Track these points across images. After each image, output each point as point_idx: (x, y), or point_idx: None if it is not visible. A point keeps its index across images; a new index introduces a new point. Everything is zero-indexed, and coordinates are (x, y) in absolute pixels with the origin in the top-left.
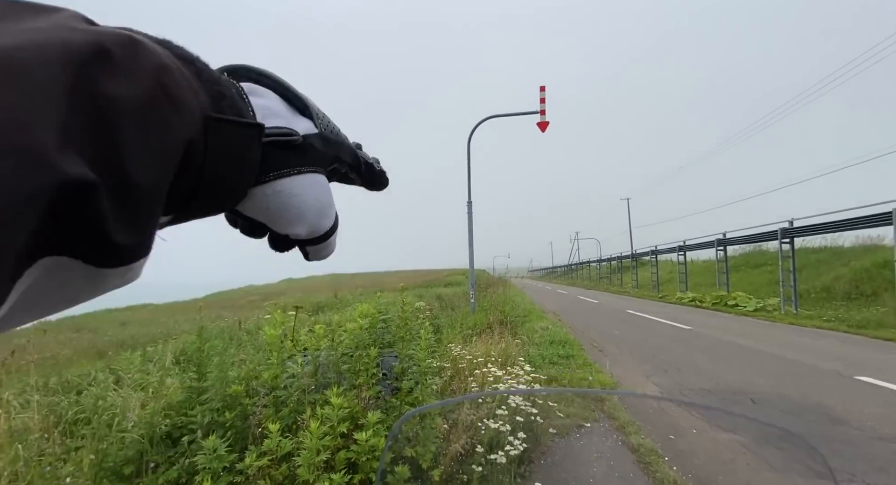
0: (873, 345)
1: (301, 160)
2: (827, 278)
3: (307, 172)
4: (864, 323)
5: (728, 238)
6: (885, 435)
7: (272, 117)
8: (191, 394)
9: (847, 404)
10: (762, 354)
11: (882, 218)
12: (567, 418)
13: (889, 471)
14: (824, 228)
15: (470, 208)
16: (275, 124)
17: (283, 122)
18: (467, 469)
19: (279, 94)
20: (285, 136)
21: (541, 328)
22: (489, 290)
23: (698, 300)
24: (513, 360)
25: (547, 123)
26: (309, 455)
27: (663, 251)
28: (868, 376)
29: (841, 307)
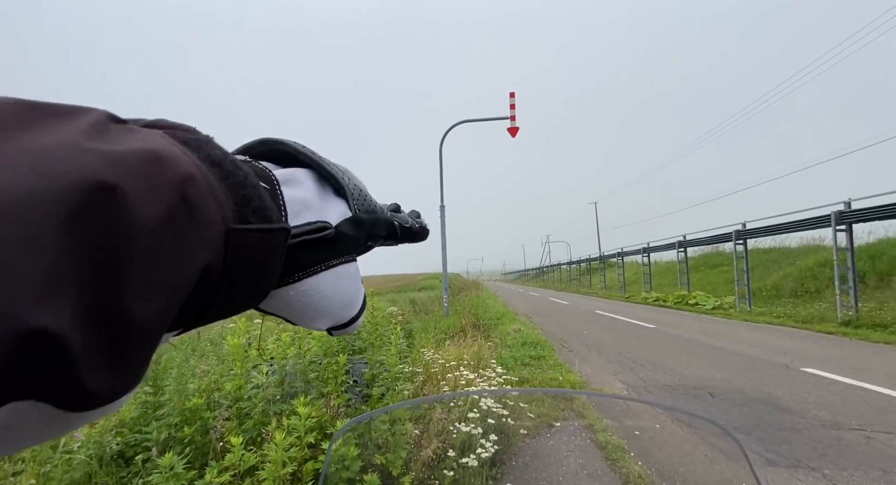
0: (817, 338)
1: (330, 253)
2: (776, 277)
3: (335, 265)
4: (809, 318)
5: (688, 240)
6: (827, 422)
7: (304, 211)
8: (145, 409)
9: (794, 395)
10: (719, 351)
11: (822, 221)
12: (538, 418)
13: (830, 455)
14: (773, 230)
15: (443, 212)
16: (306, 220)
17: (316, 214)
18: (439, 474)
19: (315, 170)
20: (316, 232)
21: (513, 330)
22: (463, 293)
23: (662, 300)
24: (485, 362)
25: (517, 128)
26: (274, 468)
27: (629, 253)
28: (812, 367)
29: (789, 304)
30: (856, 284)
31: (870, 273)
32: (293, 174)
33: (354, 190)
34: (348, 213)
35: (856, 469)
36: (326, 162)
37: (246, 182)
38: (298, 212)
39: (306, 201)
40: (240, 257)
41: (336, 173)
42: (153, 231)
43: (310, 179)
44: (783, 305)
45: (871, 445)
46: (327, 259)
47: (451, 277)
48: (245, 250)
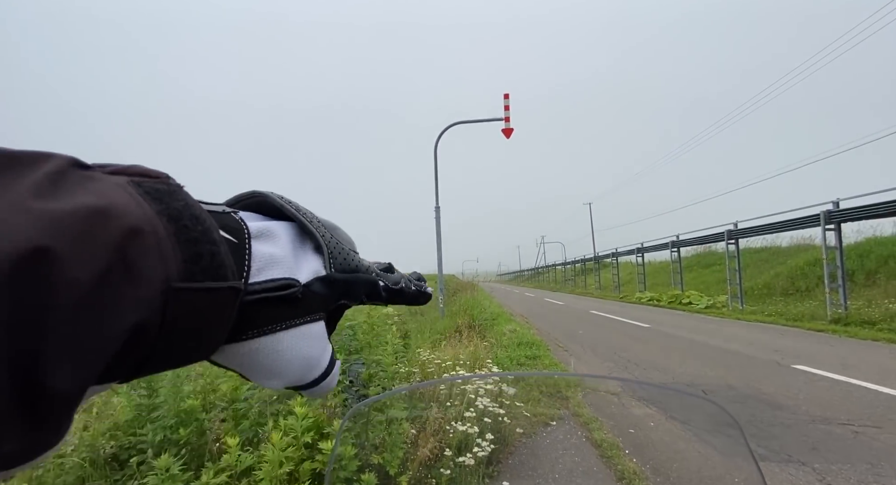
0: (807, 336)
1: (294, 312)
2: (768, 276)
3: (298, 324)
4: (799, 316)
5: (681, 240)
6: (817, 417)
7: (271, 267)
8: (140, 412)
9: (785, 391)
10: (712, 349)
11: (812, 220)
12: (534, 417)
13: (820, 449)
14: (764, 230)
15: (438, 214)
16: (270, 276)
17: (284, 270)
18: (436, 473)
19: (297, 224)
20: (279, 290)
21: (509, 331)
22: (458, 294)
23: (656, 299)
24: (481, 362)
25: (511, 130)
26: (271, 468)
27: (623, 253)
28: (803, 364)
29: (780, 302)
30: (845, 282)
31: (858, 271)
32: (268, 228)
33: (334, 247)
34: (322, 271)
35: (844, 463)
36: (308, 216)
37: (202, 238)
38: (263, 268)
39: (275, 257)
40: (180, 316)
41: (315, 229)
42: (80, 295)
43: (288, 233)
44: (774, 304)
45: (859, 439)
46: (289, 318)
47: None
48: (186, 309)
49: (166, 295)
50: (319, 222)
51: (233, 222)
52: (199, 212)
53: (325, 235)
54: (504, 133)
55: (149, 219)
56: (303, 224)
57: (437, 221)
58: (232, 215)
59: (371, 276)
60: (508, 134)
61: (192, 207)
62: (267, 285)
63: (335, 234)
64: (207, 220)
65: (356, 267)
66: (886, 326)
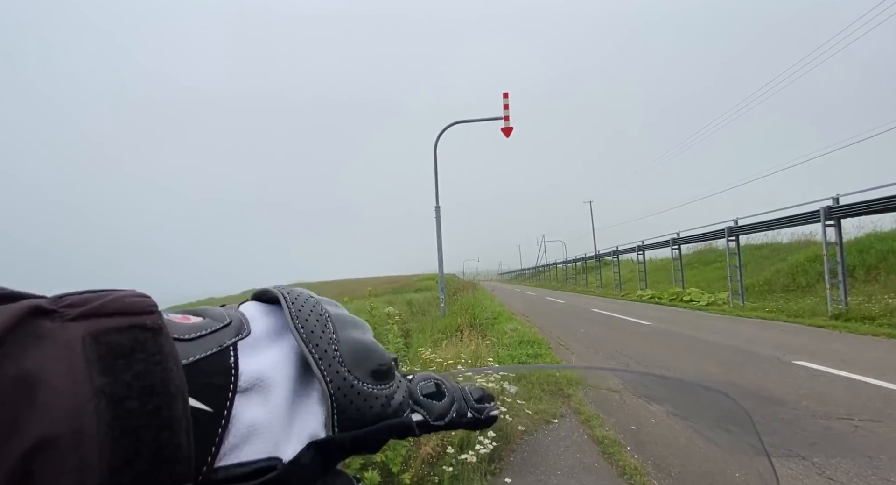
0: (808, 332)
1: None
2: (768, 273)
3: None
4: (800, 312)
5: (682, 237)
6: (818, 413)
7: (249, 441)
8: None
9: (785, 387)
10: (713, 346)
11: (812, 216)
12: (536, 415)
13: (820, 443)
14: (764, 227)
15: (438, 214)
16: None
17: (265, 444)
18: (438, 471)
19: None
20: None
21: (510, 329)
22: (459, 294)
23: (657, 297)
24: (482, 361)
25: (511, 129)
26: None
27: (624, 251)
28: (803, 360)
29: (780, 299)
30: (845, 278)
31: (858, 267)
32: (265, 374)
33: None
34: (321, 433)
35: (843, 457)
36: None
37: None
38: (240, 443)
39: (256, 426)
40: None
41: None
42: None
43: (288, 371)
44: (775, 300)
45: (858, 433)
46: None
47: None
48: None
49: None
50: (334, 344)
51: (219, 373)
52: (158, 379)
53: (334, 376)
54: (504, 132)
55: (78, 409)
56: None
57: (438, 221)
58: (226, 355)
59: (398, 420)
60: (508, 133)
61: (152, 372)
62: (237, 472)
63: (353, 360)
64: (169, 387)
65: (377, 414)
66: (886, 321)
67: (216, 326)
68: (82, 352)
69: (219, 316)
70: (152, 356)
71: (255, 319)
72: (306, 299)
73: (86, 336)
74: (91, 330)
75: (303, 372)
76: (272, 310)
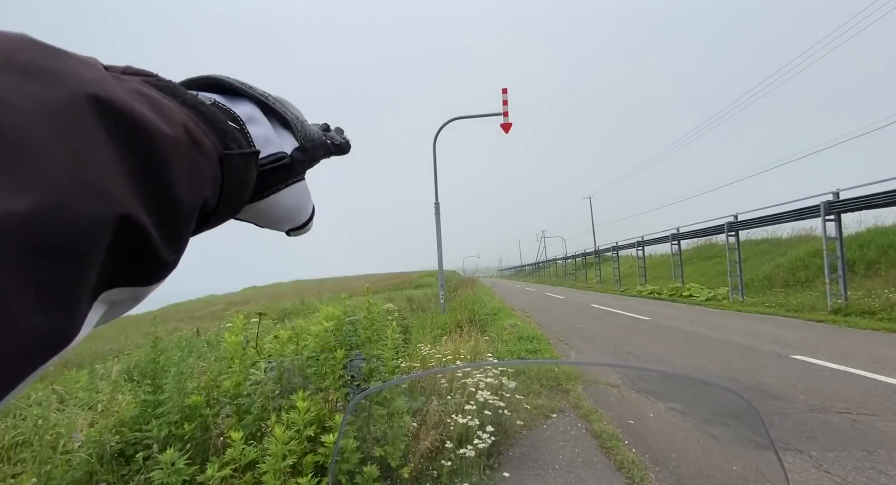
0: (807, 327)
1: (287, 176)
2: (768, 268)
3: (291, 184)
4: (800, 307)
5: (681, 233)
6: (815, 406)
7: (267, 145)
8: (145, 408)
9: (784, 381)
10: (712, 340)
11: (812, 211)
12: (534, 409)
13: (817, 437)
14: (764, 221)
15: (438, 210)
16: (268, 152)
17: (275, 147)
18: (437, 465)
19: (261, 107)
20: (277, 161)
21: (509, 326)
22: (459, 290)
23: (656, 292)
24: (481, 357)
25: (510, 125)
26: (274, 461)
27: (624, 247)
28: (802, 355)
29: (780, 293)
30: (845, 272)
31: (859, 262)
32: (252, 114)
33: (297, 123)
34: (296, 143)
35: (841, 450)
36: (271, 99)
37: (218, 119)
38: (262, 145)
39: (267, 137)
40: (231, 176)
41: (284, 112)
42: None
43: (260, 114)
44: (775, 295)
45: (856, 427)
46: (285, 180)
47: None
48: (233, 170)
49: (221, 159)
50: (280, 102)
51: (227, 112)
52: (199, 102)
53: (289, 114)
54: (503, 128)
55: (182, 109)
56: (269, 106)
57: (437, 218)
58: (222, 106)
59: (324, 139)
60: (507, 129)
61: (195, 98)
62: (269, 159)
63: (292, 109)
64: (209, 106)
65: (314, 136)
66: (886, 315)
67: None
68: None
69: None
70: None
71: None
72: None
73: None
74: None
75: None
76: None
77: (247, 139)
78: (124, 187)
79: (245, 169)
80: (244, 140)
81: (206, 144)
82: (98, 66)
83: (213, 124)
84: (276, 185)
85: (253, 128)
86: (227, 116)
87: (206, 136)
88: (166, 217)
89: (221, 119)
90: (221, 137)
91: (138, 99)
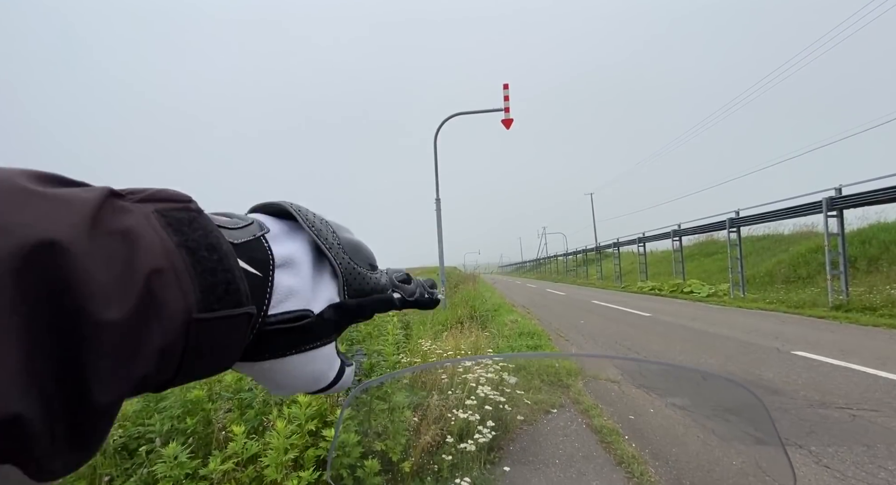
0: (808, 323)
1: (304, 339)
2: (769, 264)
3: (308, 350)
4: (801, 303)
5: (683, 229)
6: (815, 402)
7: (289, 299)
8: (148, 402)
9: (784, 377)
10: (713, 336)
11: (813, 207)
12: (535, 405)
13: (817, 432)
14: (765, 218)
15: (438, 206)
16: (287, 308)
17: (300, 302)
18: (438, 459)
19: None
20: (294, 321)
21: (510, 321)
22: (460, 286)
23: (657, 289)
24: (482, 352)
25: (511, 120)
26: (276, 455)
27: (625, 243)
28: (803, 350)
29: (781, 290)
30: (846, 268)
31: (860, 258)
32: (292, 256)
33: (350, 272)
34: (336, 298)
35: (840, 445)
36: (324, 236)
37: (217, 267)
38: (282, 299)
39: (293, 289)
40: (201, 342)
41: (331, 254)
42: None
43: (308, 258)
44: (776, 292)
45: (856, 422)
46: (300, 344)
47: (448, 271)
48: (206, 335)
49: (188, 325)
50: (337, 240)
51: (260, 252)
52: (215, 240)
53: (341, 260)
54: (504, 124)
55: (169, 254)
56: (319, 247)
57: (438, 213)
58: (261, 241)
59: (386, 295)
60: (508, 124)
61: (210, 236)
62: (283, 317)
63: (352, 251)
64: (223, 247)
65: (372, 288)
66: (887, 311)
67: (245, 222)
68: (157, 220)
69: (244, 217)
70: (203, 227)
71: (266, 222)
72: (307, 209)
73: (153, 211)
74: (156, 208)
75: (317, 258)
76: (279, 219)
77: (266, 294)
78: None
79: (224, 333)
80: (243, 295)
81: (169, 308)
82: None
83: (204, 275)
84: (283, 350)
85: (283, 275)
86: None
87: (180, 293)
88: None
89: (222, 267)
90: (206, 294)
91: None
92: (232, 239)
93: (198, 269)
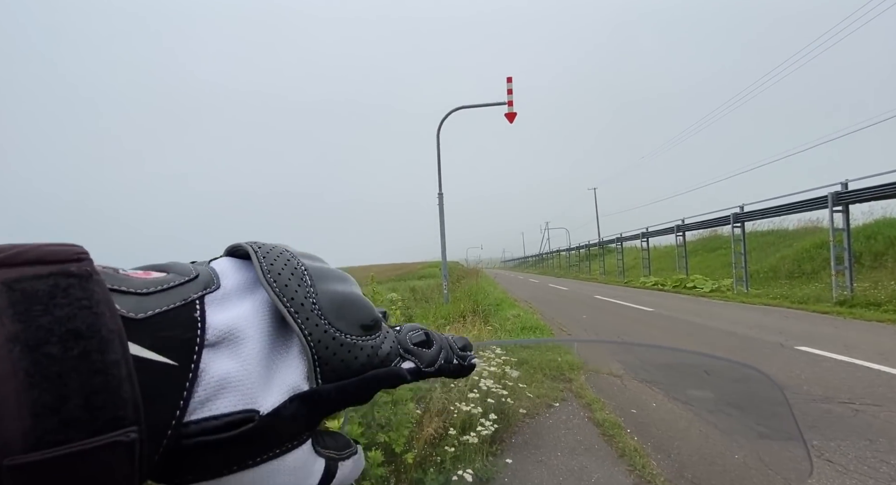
0: (812, 318)
1: (249, 450)
2: (773, 259)
3: (257, 464)
4: (805, 299)
5: (686, 224)
6: (818, 397)
7: (221, 394)
8: None
9: (787, 372)
10: (716, 331)
11: (819, 202)
12: (537, 398)
13: (820, 427)
14: (770, 213)
15: (441, 200)
16: (216, 411)
17: (239, 397)
18: (440, 451)
19: None
20: (227, 429)
21: (513, 316)
22: (462, 281)
23: (660, 284)
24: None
25: (515, 114)
26: None
27: (628, 238)
28: (806, 346)
29: (785, 285)
30: (851, 264)
31: (865, 253)
32: (234, 328)
33: (326, 346)
34: (303, 385)
35: (843, 440)
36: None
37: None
38: (211, 396)
39: (229, 379)
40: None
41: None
42: None
43: (260, 326)
44: (780, 287)
45: (859, 417)
46: (244, 459)
47: (451, 266)
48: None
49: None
50: (311, 296)
51: (181, 326)
52: (88, 322)
53: (312, 329)
54: (507, 117)
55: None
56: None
57: (441, 208)
58: (191, 309)
59: (389, 369)
60: (512, 118)
61: (79, 316)
62: (209, 425)
63: (333, 311)
64: (101, 331)
65: (363, 364)
66: (892, 307)
67: (180, 280)
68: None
69: (185, 271)
70: (77, 301)
71: (225, 273)
72: (280, 253)
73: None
74: (3, 278)
75: (280, 326)
76: (245, 265)
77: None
78: None
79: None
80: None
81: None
82: None
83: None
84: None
85: (217, 358)
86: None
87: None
88: None
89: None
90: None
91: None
92: (134, 313)
93: (35, 375)
